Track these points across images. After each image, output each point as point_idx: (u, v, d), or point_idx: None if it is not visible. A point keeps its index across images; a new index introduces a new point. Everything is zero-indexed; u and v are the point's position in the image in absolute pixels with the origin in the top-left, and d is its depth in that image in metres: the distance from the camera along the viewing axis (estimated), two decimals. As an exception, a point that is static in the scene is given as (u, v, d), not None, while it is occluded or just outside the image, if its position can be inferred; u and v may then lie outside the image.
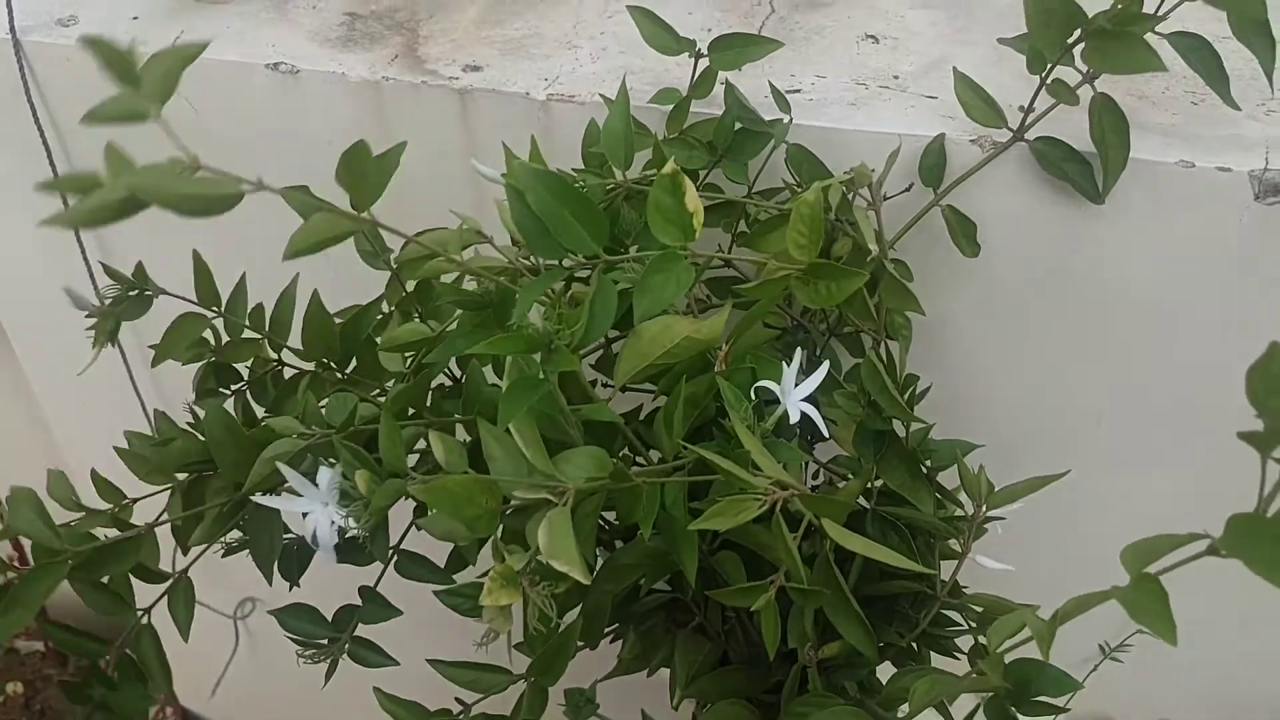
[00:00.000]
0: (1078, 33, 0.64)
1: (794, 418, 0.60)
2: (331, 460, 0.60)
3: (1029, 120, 0.69)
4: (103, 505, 0.69)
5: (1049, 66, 0.66)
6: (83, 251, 0.99)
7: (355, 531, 0.57)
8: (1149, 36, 0.63)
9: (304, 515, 0.62)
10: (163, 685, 0.67)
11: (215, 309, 0.71)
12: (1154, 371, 0.76)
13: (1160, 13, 0.64)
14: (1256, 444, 0.46)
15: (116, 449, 0.70)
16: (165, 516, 0.69)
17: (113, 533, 0.66)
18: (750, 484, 0.54)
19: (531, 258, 0.61)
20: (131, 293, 0.71)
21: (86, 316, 0.70)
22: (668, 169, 0.55)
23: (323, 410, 0.67)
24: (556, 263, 0.57)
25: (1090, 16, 0.63)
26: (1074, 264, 0.73)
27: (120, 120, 0.54)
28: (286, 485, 0.61)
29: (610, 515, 0.71)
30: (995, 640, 0.56)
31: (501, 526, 0.58)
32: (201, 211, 0.55)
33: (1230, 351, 0.64)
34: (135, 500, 0.71)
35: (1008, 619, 0.56)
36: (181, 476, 0.70)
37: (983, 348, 0.79)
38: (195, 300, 0.71)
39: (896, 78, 0.78)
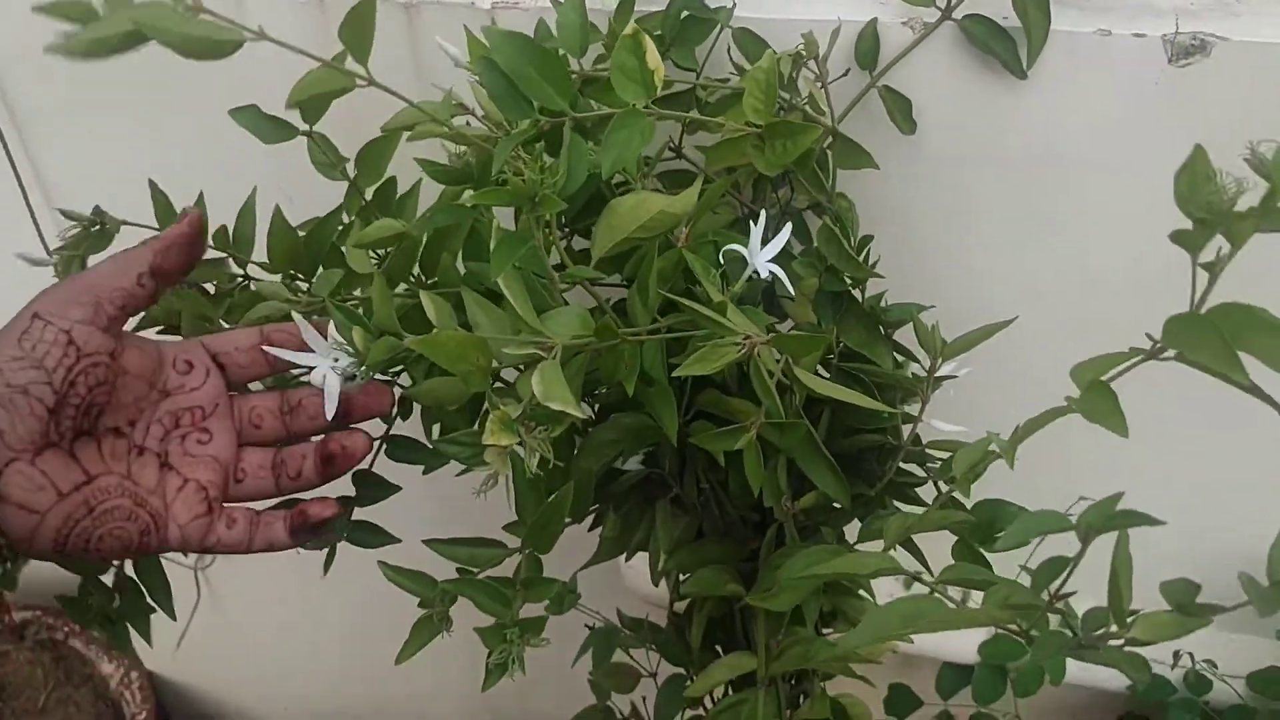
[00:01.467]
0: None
1: (764, 274, 0.63)
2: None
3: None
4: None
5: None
6: (28, 204, 0.99)
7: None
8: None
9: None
10: (164, 600, 0.68)
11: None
12: (1088, 236, 0.81)
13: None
14: (1185, 243, 0.50)
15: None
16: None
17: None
18: (729, 330, 0.57)
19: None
20: (93, 229, 0.72)
21: (57, 250, 0.70)
22: (629, 29, 0.58)
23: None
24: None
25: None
26: (1005, 135, 0.77)
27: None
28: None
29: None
30: (961, 467, 0.60)
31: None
32: (203, 53, 0.56)
33: (1157, 207, 0.68)
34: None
35: (971, 447, 0.59)
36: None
37: (925, 225, 0.83)
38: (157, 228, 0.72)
39: (828, -28, 0.82)
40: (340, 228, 0.76)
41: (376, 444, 0.66)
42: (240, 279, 0.75)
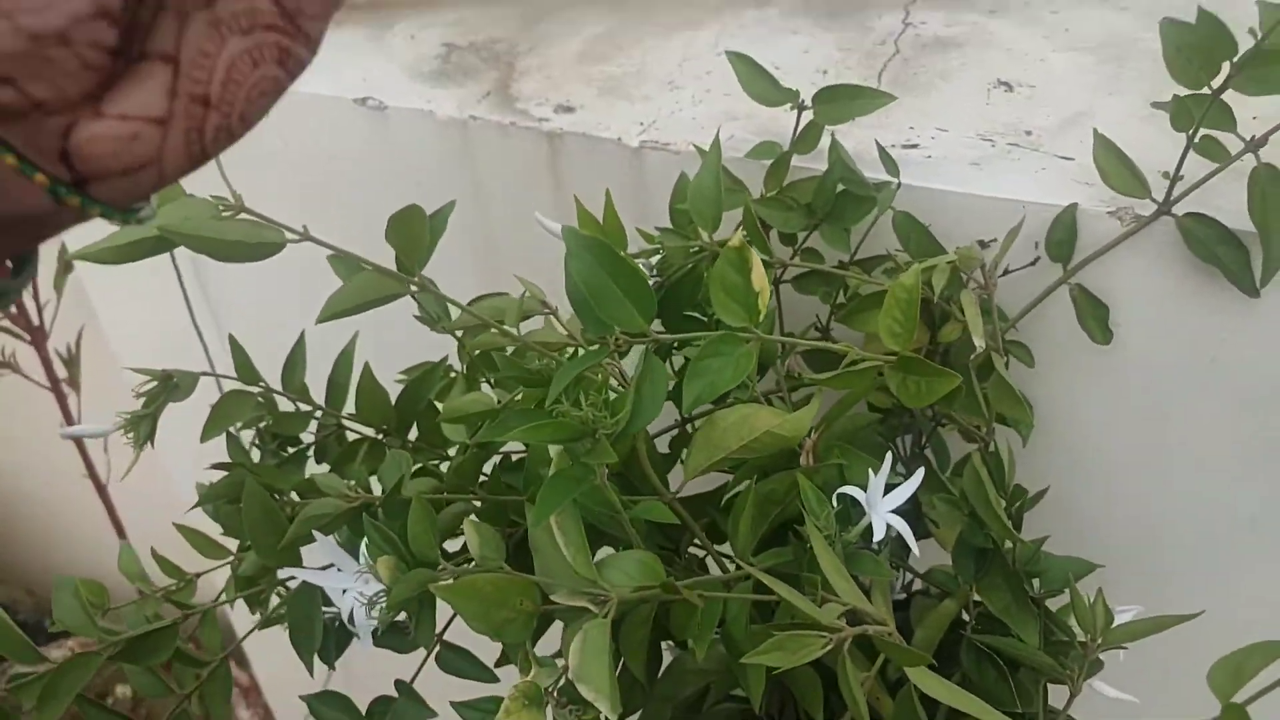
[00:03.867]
0: (1227, 68, 0.55)
1: (879, 533, 0.52)
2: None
3: (1177, 191, 0.60)
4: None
5: (1197, 120, 0.57)
6: (187, 302, 0.98)
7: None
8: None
9: (342, 592, 0.58)
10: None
11: (262, 384, 0.68)
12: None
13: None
14: None
15: (176, 525, 0.68)
16: (223, 597, 0.67)
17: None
18: (814, 618, 0.47)
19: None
20: (170, 383, 0.68)
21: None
22: (734, 241, 0.49)
23: (373, 476, 0.63)
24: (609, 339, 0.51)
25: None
26: (1225, 360, 0.63)
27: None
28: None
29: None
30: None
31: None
32: (241, 258, 0.51)
33: None
34: (199, 575, 0.69)
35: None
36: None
37: (1114, 444, 0.69)
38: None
39: (1029, 133, 0.69)
40: (453, 376, 0.70)
41: (427, 652, 0.59)
42: (335, 425, 0.70)
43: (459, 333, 0.66)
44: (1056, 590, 0.58)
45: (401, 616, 0.59)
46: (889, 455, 0.53)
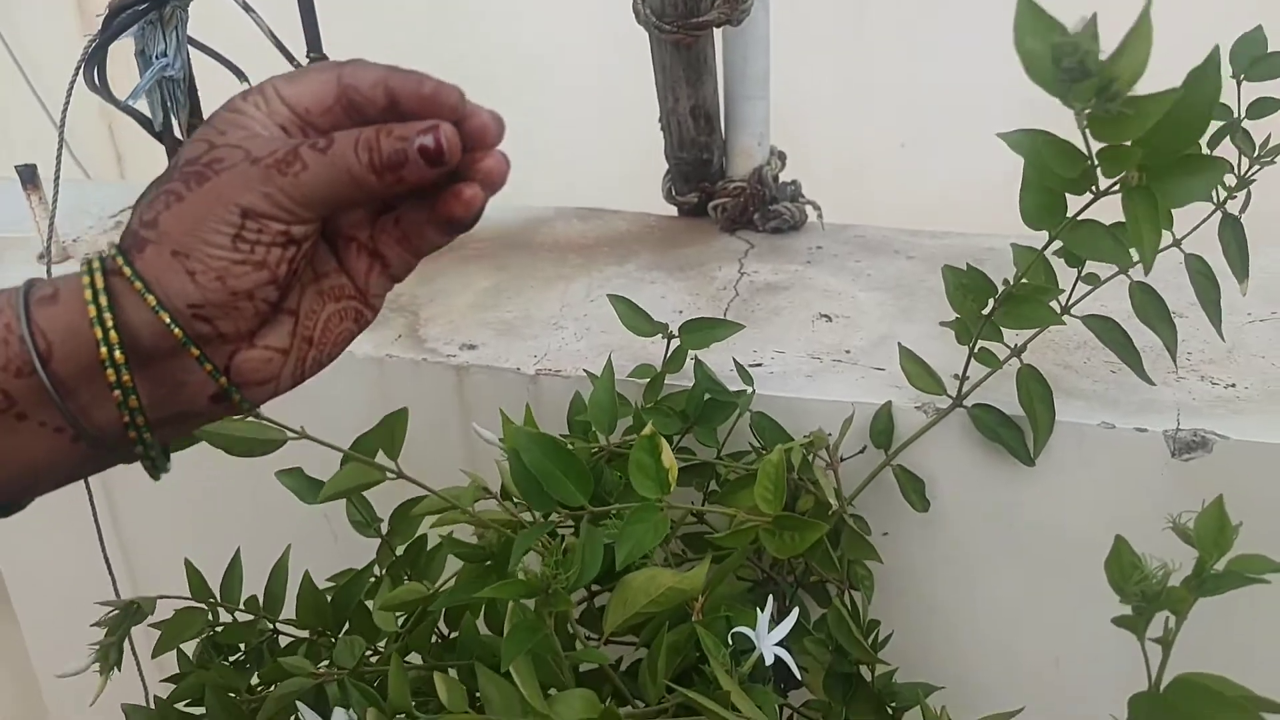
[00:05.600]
0: (992, 303, 0.73)
1: (769, 660, 0.65)
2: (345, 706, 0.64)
3: (965, 388, 0.78)
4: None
5: (974, 336, 0.75)
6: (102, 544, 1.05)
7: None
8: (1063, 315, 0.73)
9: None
10: None
11: (210, 600, 0.76)
12: (1101, 613, 0.82)
13: (1071, 299, 0.74)
14: (1129, 627, 0.52)
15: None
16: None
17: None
18: (728, 720, 0.59)
19: (528, 513, 0.68)
20: (133, 609, 0.76)
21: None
22: (647, 431, 0.63)
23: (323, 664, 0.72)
24: (547, 515, 0.64)
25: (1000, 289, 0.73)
26: (1016, 516, 0.80)
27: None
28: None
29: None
30: None
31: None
32: (247, 451, 0.62)
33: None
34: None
35: None
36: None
37: (941, 595, 0.85)
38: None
39: (848, 352, 0.87)
40: (372, 580, 0.80)
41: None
42: (269, 632, 0.79)
43: (385, 534, 0.77)
44: (908, 707, 0.71)
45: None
46: (770, 599, 0.67)
